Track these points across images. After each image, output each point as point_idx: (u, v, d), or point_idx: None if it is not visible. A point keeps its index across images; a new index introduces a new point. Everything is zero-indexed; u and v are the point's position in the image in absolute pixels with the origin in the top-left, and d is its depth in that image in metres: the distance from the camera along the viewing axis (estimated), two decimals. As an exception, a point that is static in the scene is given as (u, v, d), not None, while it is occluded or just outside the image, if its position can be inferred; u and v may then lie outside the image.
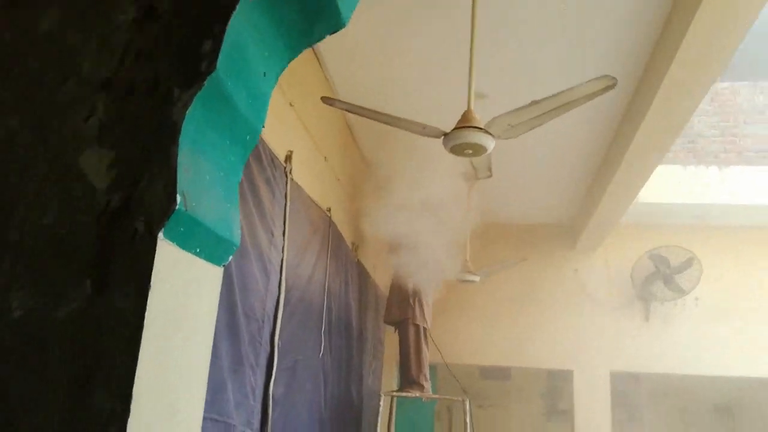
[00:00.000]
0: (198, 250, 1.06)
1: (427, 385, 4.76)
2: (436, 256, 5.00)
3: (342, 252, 4.53)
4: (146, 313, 0.91)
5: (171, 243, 0.99)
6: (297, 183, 3.39)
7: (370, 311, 5.50)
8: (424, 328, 4.80)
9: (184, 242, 1.01)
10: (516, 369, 8.52)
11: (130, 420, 0.88)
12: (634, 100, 4.35)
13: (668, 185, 6.42)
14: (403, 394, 4.68)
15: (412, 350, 4.72)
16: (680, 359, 6.92)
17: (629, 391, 8.48)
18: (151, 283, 0.92)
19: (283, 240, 3.13)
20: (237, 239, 1.16)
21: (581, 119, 4.62)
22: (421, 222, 4.96)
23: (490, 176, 3.43)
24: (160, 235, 0.96)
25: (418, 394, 4.69)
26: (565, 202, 6.75)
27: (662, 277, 6.70)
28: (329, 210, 4.22)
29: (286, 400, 3.16)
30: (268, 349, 2.89)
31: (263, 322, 2.81)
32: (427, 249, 4.88)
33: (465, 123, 2.66)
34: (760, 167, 6.46)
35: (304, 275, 3.56)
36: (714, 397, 8.25)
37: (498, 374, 8.85)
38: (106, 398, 0.90)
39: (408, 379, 4.72)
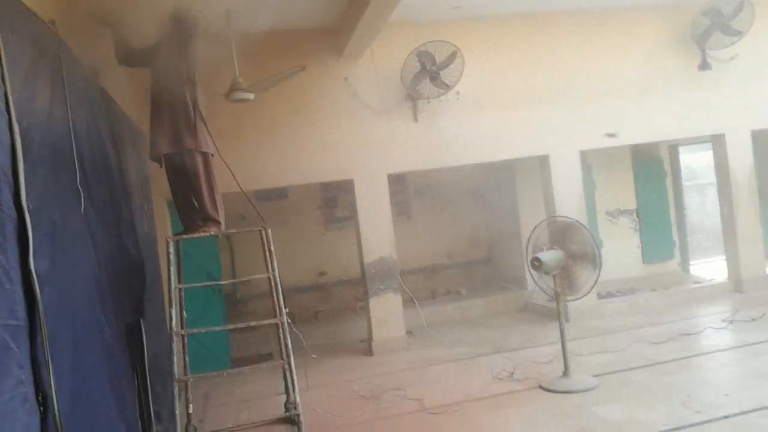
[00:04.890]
0: None
1: (223, 219, 4.21)
2: (202, 72, 4.19)
3: (81, 79, 3.52)
4: None
5: None
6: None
7: (127, 147, 4.59)
8: (212, 155, 4.10)
9: None
10: (294, 187, 8.33)
11: None
12: None
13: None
14: (198, 234, 4.08)
15: (203, 183, 4.03)
16: (444, 154, 7.27)
17: (397, 190, 8.93)
18: None
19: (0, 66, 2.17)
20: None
21: None
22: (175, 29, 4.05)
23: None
24: None
25: (214, 231, 4.14)
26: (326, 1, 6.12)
27: (428, 75, 6.73)
28: (54, 23, 3.13)
29: (54, 274, 2.45)
30: (14, 215, 2.10)
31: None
32: (191, 62, 4.04)
33: None
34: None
35: (41, 112, 2.63)
36: (469, 183, 9.08)
37: (274, 195, 8.62)
38: None
39: (202, 216, 4.08)
